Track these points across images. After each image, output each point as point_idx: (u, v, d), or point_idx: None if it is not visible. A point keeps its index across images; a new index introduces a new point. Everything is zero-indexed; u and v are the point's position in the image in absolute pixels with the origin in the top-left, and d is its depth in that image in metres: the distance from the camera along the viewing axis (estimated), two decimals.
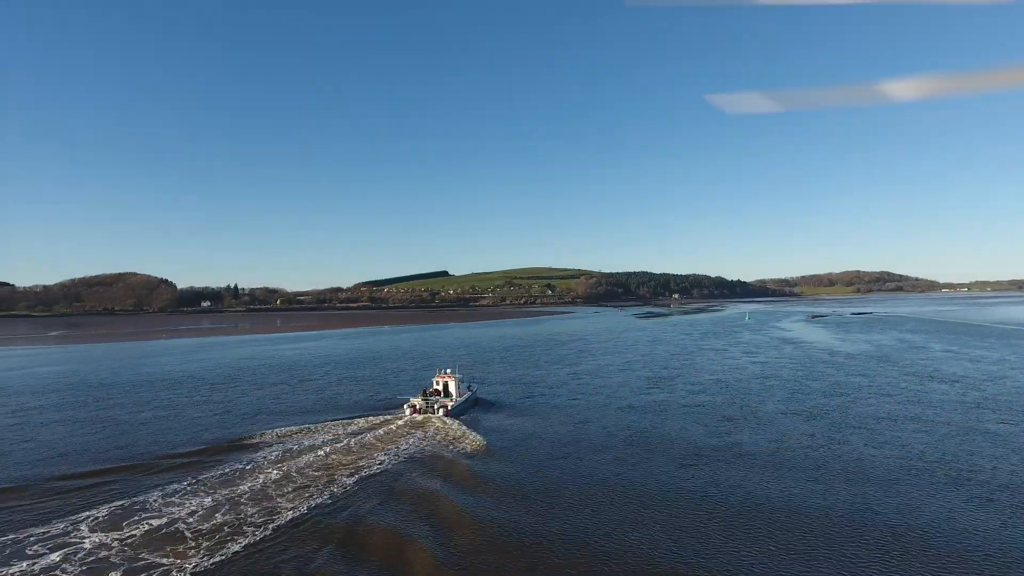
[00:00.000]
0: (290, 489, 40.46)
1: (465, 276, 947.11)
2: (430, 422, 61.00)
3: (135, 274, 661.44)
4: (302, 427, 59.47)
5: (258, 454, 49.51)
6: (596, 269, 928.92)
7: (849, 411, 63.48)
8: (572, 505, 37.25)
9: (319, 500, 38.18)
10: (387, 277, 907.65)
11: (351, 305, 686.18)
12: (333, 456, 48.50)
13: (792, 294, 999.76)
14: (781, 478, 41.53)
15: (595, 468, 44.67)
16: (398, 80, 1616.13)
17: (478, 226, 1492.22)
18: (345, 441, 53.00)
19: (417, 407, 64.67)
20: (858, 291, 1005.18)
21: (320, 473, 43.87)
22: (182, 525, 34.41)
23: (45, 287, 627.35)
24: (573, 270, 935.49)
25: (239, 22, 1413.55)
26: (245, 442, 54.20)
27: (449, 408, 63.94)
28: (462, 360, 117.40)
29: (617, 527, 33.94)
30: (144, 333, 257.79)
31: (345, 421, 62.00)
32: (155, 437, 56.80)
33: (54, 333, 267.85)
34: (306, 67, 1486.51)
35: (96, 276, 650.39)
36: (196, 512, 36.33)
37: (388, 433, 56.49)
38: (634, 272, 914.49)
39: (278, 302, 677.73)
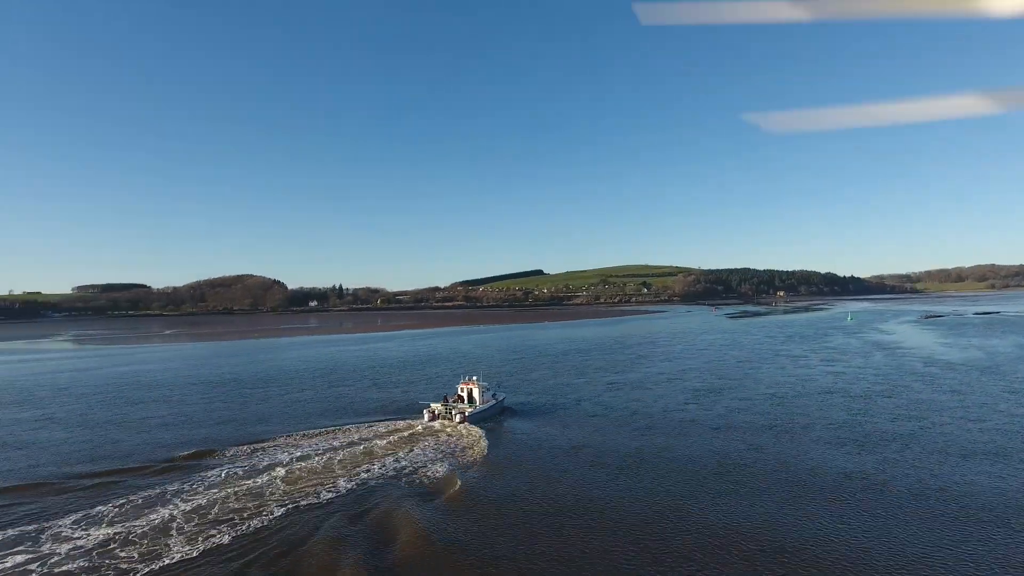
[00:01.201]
0: (251, 504, 38.86)
1: (559, 275, 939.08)
2: (445, 429, 59.99)
3: (252, 276, 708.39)
4: (317, 430, 60.29)
5: (241, 462, 49.43)
6: (695, 266, 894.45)
7: (914, 442, 51.95)
8: (555, 533, 34.38)
9: (269, 518, 36.50)
10: (482, 276, 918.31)
11: (446, 304, 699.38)
12: (316, 465, 47.62)
13: (913, 291, 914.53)
14: (778, 528, 33.43)
15: (590, 490, 41.18)
16: (497, 81, 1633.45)
17: (574, 224, 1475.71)
18: (345, 449, 52.21)
19: (436, 413, 63.87)
20: (992, 287, 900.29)
21: (293, 487, 42.26)
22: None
23: (175, 288, 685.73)
24: (670, 267, 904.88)
25: (359, 21, 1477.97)
26: (246, 445, 54.99)
27: (467, 415, 62.33)
28: (512, 363, 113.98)
29: (597, 560, 31.06)
30: (249, 332, 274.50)
31: (362, 425, 61.71)
32: (155, 438, 56.50)
33: (168, 332, 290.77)
34: (406, 64, 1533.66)
35: (218, 278, 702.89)
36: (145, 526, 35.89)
37: (397, 440, 55.59)
38: (735, 269, 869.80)
39: (378, 301, 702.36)
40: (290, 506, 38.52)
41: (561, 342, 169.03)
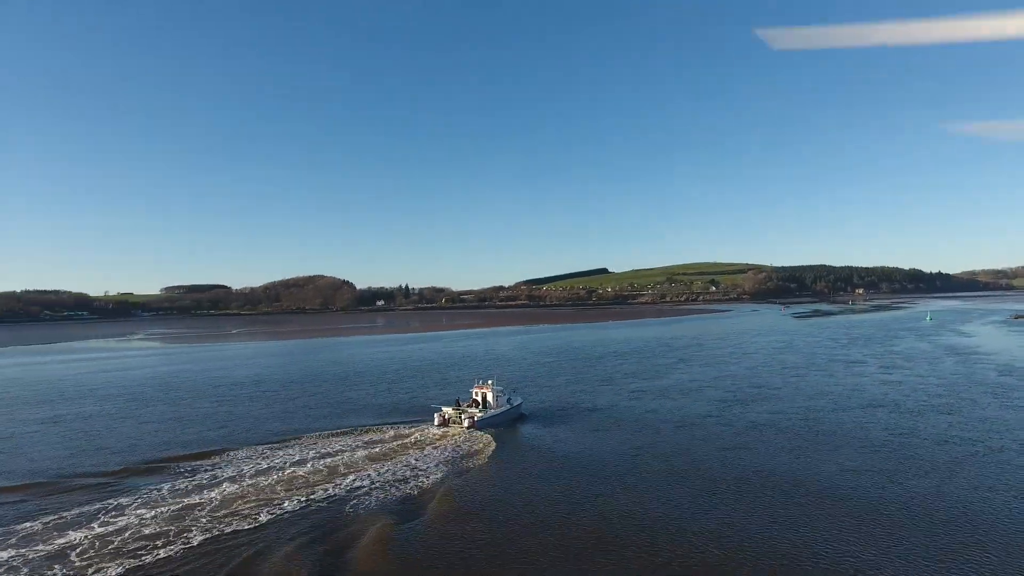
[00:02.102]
0: (221, 514, 37.69)
1: (624, 273, 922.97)
2: (452, 434, 58.56)
3: (323, 276, 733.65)
4: (326, 432, 60.29)
5: (230, 467, 48.85)
6: (767, 263, 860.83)
7: (959, 474, 43.57)
8: (531, 551, 32.18)
9: (225, 532, 34.77)
10: (547, 275, 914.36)
11: (510, 303, 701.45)
12: (305, 471, 46.61)
13: (1009, 287, 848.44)
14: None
15: (580, 510, 37.72)
16: (558, 82, 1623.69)
17: (640, 221, 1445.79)
18: (346, 454, 51.23)
19: (446, 417, 62.37)
20: None
21: (262, 496, 40.89)
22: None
23: (252, 289, 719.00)
24: (740, 264, 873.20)
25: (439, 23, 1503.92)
26: (243, 449, 55.07)
27: (475, 420, 60.49)
28: (545, 366, 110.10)
29: None
30: (315, 331, 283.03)
31: (371, 429, 61.29)
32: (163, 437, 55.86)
33: (235, 331, 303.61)
34: (468, 61, 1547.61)
35: (291, 279, 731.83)
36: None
37: (398, 446, 54.12)
38: (810, 266, 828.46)
39: (443, 301, 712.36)
40: (258, 516, 37.21)
41: (606, 343, 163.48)
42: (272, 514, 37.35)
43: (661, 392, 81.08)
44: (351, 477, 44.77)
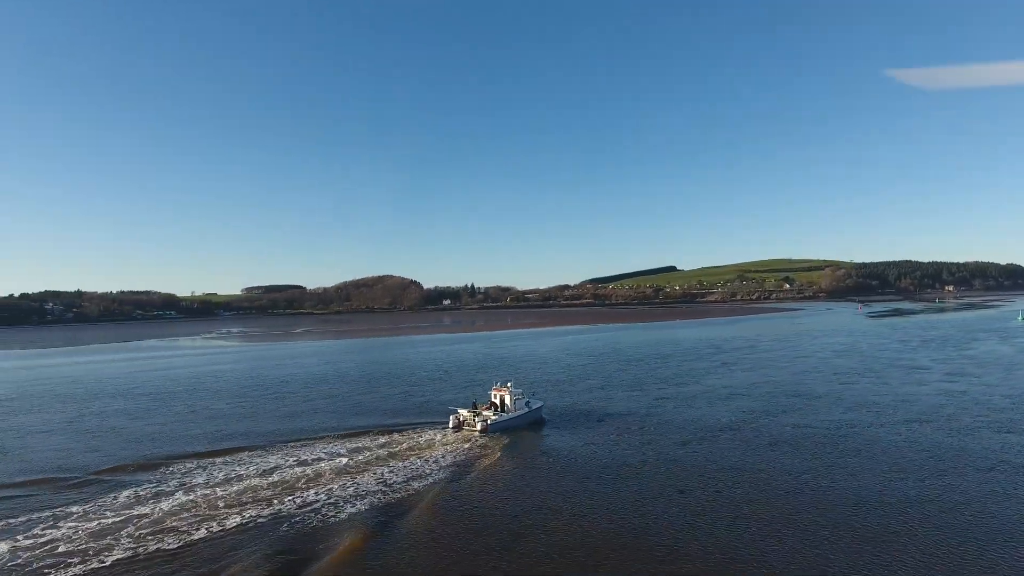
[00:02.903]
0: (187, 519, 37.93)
1: (693, 271, 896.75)
2: (463, 438, 57.70)
3: (391, 276, 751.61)
4: (338, 433, 60.77)
5: (221, 468, 49.71)
6: (846, 259, 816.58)
7: (1006, 510, 37.27)
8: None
9: (198, 536, 34.94)
10: (613, 274, 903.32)
11: (574, 302, 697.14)
12: (303, 473, 46.74)
13: None
14: None
15: (574, 526, 35.77)
16: (625, 78, 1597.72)
17: (710, 217, 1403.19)
18: (350, 457, 51.12)
19: (461, 420, 61.42)
20: None
21: (252, 496, 41.46)
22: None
23: (325, 289, 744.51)
24: (817, 261, 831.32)
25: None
26: (246, 451, 55.35)
27: (488, 423, 59.40)
28: (580, 368, 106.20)
29: None
30: (377, 330, 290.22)
31: (383, 430, 61.00)
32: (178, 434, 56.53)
33: (299, 330, 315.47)
34: (530, 56, 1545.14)
35: (361, 279, 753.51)
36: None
37: (406, 449, 53.52)
38: (894, 262, 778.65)
39: (508, 300, 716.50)
40: (235, 519, 37.31)
41: (654, 344, 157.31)
42: (236, 522, 36.84)
43: (687, 400, 75.85)
44: (342, 482, 44.14)
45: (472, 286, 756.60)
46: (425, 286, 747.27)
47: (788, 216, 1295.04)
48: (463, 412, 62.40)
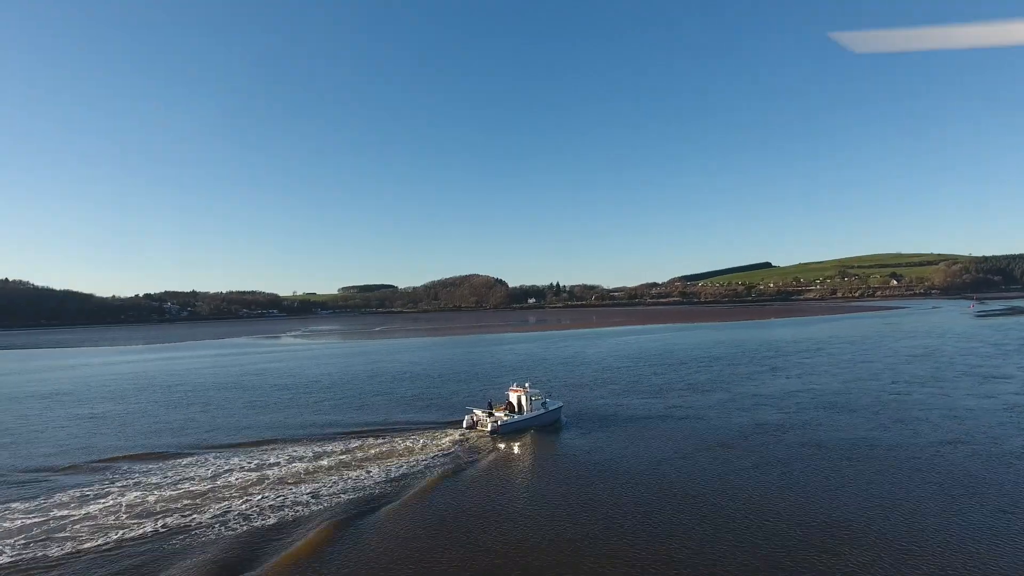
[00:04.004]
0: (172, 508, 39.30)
1: (790, 267, 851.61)
2: (470, 438, 57.16)
3: (477, 275, 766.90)
4: (341, 431, 61.70)
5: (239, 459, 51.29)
6: (964, 252, 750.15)
7: None
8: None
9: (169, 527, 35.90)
10: (703, 271, 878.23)
11: (661, 300, 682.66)
12: (290, 472, 46.86)
13: None
14: None
15: (539, 543, 32.99)
16: (714, 66, 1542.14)
17: (808, 210, 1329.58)
18: (332, 456, 51.10)
19: (474, 420, 60.98)
20: None
21: (224, 494, 41.79)
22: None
23: (414, 288, 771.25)
24: (930, 255, 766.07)
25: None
26: (266, 445, 56.78)
27: (498, 424, 58.58)
28: (628, 371, 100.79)
29: None
30: (457, 328, 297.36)
31: (393, 430, 61.33)
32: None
33: (378, 328, 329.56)
34: (622, 51, 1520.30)
35: (449, 278, 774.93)
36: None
37: (405, 448, 53.02)
38: (1021, 255, 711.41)
39: (593, 298, 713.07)
40: (188, 521, 36.94)
41: (711, 345, 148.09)
42: (200, 522, 36.45)
43: (703, 409, 69.42)
44: (328, 479, 44.31)
45: (557, 285, 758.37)
46: (510, 285, 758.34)
47: (896, 207, 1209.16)
48: (478, 412, 61.73)
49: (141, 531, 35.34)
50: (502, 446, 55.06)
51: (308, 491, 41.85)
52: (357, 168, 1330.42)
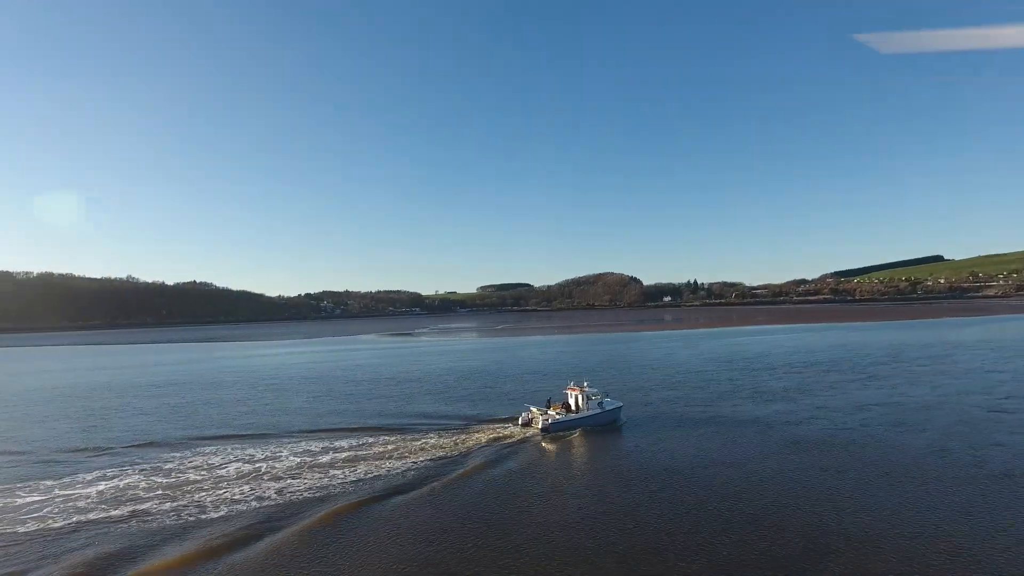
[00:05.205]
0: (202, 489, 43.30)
1: (965, 260, 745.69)
2: (518, 435, 58.21)
3: (611, 273, 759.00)
4: (416, 422, 65.65)
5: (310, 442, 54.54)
6: None
7: None
8: None
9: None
10: (859, 266, 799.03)
11: (809, 299, 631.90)
12: (327, 459, 51.24)
13: None
14: None
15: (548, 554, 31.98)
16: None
17: (989, 195, 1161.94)
18: (386, 447, 54.49)
19: (529, 417, 61.71)
20: None
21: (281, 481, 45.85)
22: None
23: (549, 287, 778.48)
24: None
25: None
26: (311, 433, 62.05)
27: (550, 422, 59.12)
28: (718, 374, 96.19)
29: None
30: (576, 327, 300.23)
31: (452, 426, 63.17)
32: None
33: (500, 327, 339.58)
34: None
35: (582, 277, 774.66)
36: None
37: (452, 442, 55.50)
38: None
39: (733, 296, 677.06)
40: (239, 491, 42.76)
41: (828, 348, 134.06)
42: (214, 506, 40.23)
43: (775, 417, 65.53)
44: (362, 468, 47.76)
45: (695, 282, 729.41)
46: (645, 282, 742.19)
47: None
48: (534, 409, 63.07)
49: (264, 492, 43.03)
50: (548, 444, 55.55)
51: (342, 477, 45.86)
52: (501, 170, 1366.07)
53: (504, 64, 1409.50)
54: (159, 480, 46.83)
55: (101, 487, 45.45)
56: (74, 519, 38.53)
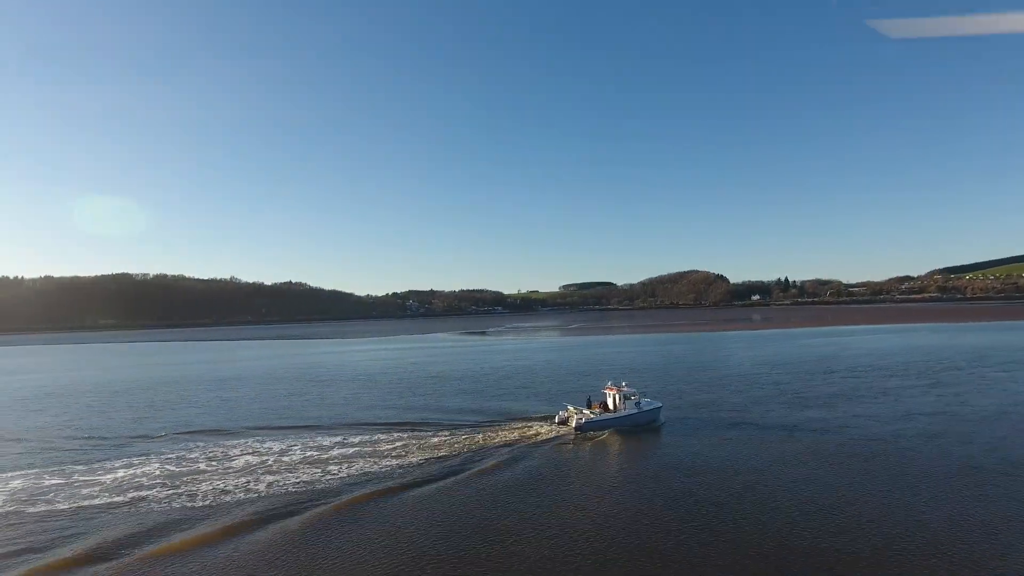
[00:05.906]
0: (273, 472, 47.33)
1: None
2: (548, 432, 58.73)
3: (696, 271, 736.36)
4: (462, 420, 66.88)
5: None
6: None
7: None
8: None
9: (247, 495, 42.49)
10: (973, 261, 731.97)
11: (913, 297, 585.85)
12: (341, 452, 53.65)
13: None
14: None
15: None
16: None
17: None
18: (424, 441, 56.75)
19: (565, 416, 62.18)
20: None
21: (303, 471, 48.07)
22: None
23: (631, 285, 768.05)
24: None
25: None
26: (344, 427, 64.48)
27: (583, 421, 59.35)
28: (779, 377, 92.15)
29: None
30: (652, 327, 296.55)
31: (503, 422, 64.67)
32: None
33: (575, 325, 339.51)
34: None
35: (666, 275, 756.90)
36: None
37: (484, 438, 57.05)
38: None
39: (827, 295, 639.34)
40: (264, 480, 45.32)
41: (910, 351, 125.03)
42: (229, 492, 43.00)
43: (843, 420, 62.42)
44: (383, 463, 49.31)
45: (785, 279, 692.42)
46: (732, 280, 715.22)
47: None
48: (571, 408, 63.32)
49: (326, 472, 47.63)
50: (579, 443, 55.70)
51: (361, 469, 48.14)
52: (579, 173, 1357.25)
53: (598, 62, 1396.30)
54: (172, 469, 50.34)
55: (156, 467, 50.65)
56: (131, 495, 43.23)
